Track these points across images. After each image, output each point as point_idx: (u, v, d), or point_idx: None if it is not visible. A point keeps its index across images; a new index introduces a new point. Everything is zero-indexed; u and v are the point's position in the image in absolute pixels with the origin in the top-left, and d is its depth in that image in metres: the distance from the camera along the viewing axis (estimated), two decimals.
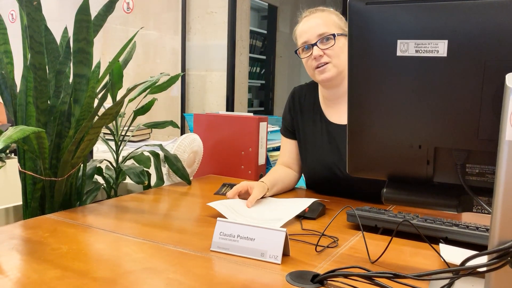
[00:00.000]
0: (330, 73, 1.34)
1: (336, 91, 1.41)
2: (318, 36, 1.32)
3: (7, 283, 0.74)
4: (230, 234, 0.90)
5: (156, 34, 3.16)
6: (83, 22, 1.13)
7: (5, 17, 3.49)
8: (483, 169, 0.69)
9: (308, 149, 1.48)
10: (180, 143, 1.58)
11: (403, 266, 0.86)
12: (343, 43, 1.34)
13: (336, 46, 1.32)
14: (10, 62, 1.23)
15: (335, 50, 1.33)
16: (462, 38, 0.65)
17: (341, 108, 1.42)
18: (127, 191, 1.74)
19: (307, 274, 0.79)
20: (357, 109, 0.76)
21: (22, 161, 1.23)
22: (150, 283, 0.75)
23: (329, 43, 1.32)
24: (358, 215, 1.05)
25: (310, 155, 1.48)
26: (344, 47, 1.35)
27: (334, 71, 1.34)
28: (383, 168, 0.78)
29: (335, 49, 1.33)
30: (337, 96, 1.42)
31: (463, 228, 0.96)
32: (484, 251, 0.56)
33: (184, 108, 3.08)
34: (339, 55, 1.33)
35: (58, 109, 1.21)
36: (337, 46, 1.32)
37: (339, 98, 1.42)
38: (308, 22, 1.36)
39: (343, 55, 1.34)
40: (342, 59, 1.34)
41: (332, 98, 1.43)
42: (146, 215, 1.17)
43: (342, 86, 1.39)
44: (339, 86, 1.39)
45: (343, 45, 1.34)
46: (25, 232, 1.01)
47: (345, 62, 1.35)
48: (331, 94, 1.43)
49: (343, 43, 1.34)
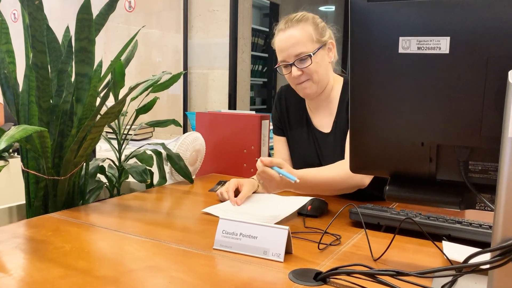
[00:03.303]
0: (310, 90, 1.36)
1: (317, 100, 1.43)
2: (295, 57, 1.32)
3: (11, 281, 0.74)
4: (233, 232, 0.90)
5: (158, 33, 3.16)
6: (84, 21, 1.13)
7: (7, 17, 3.50)
8: (486, 166, 0.69)
9: (293, 149, 1.53)
10: (183, 142, 1.58)
11: (406, 264, 0.86)
12: (321, 56, 1.34)
13: (313, 65, 1.32)
14: (12, 61, 1.23)
15: (312, 68, 1.33)
16: (464, 34, 0.65)
17: (324, 113, 1.44)
18: (129, 190, 1.74)
19: (310, 272, 0.79)
20: (359, 106, 0.76)
21: (25, 160, 1.23)
22: (153, 281, 0.75)
23: (306, 63, 1.32)
24: (360, 213, 1.04)
25: (295, 155, 1.52)
26: (322, 59, 1.35)
27: (314, 87, 1.36)
28: (386, 166, 0.78)
29: (312, 68, 1.33)
30: (319, 103, 1.44)
31: (466, 225, 0.96)
32: (487, 248, 0.56)
33: (186, 107, 3.08)
34: (317, 71, 1.34)
35: (60, 108, 1.21)
36: (314, 64, 1.32)
37: (321, 104, 1.44)
38: (283, 37, 1.33)
39: (322, 68, 1.35)
40: (320, 73, 1.35)
41: (315, 105, 1.46)
42: (148, 213, 1.17)
43: (323, 94, 1.41)
44: (321, 95, 1.41)
45: (320, 59, 1.34)
46: (29, 231, 1.01)
47: (325, 74, 1.38)
48: (313, 103, 1.46)
49: (321, 56, 1.34)
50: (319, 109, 1.45)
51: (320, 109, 1.45)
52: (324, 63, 1.36)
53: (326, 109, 1.43)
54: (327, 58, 1.38)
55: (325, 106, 1.43)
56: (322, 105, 1.44)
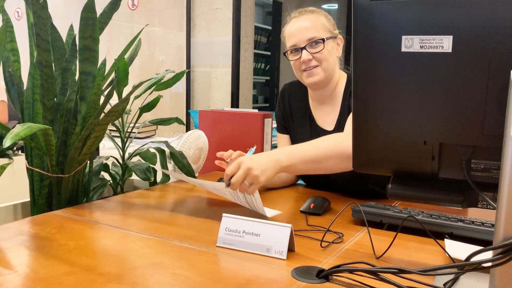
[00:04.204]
0: (318, 77, 1.35)
1: (322, 92, 1.43)
2: (307, 41, 1.32)
3: (16, 278, 0.75)
4: (236, 230, 0.91)
5: (161, 31, 3.17)
6: (88, 20, 1.14)
7: (10, 15, 3.51)
8: (488, 164, 0.69)
9: None
10: (186, 140, 1.59)
11: (408, 262, 0.86)
12: (332, 46, 1.35)
13: (325, 50, 1.33)
14: (17, 60, 1.24)
15: (324, 54, 1.33)
16: (467, 33, 0.65)
17: (327, 109, 1.44)
18: (133, 188, 1.75)
19: (313, 269, 0.80)
20: (362, 105, 0.76)
21: (30, 158, 1.24)
22: (157, 278, 0.76)
23: (319, 47, 1.33)
24: (363, 211, 1.05)
25: None
26: (332, 50, 1.36)
27: (322, 74, 1.35)
28: (388, 164, 0.78)
29: (324, 53, 1.33)
30: (323, 97, 1.44)
31: (468, 223, 0.96)
32: (489, 246, 0.56)
33: (189, 105, 3.09)
34: (328, 59, 1.34)
35: (64, 107, 1.21)
36: (326, 50, 1.33)
37: (325, 99, 1.44)
38: (296, 24, 1.36)
39: (332, 58, 1.36)
40: (330, 62, 1.35)
41: (319, 99, 1.45)
42: (152, 211, 1.18)
43: (328, 87, 1.41)
44: (326, 88, 1.41)
45: (331, 48, 1.35)
46: (33, 228, 1.02)
47: (333, 65, 1.38)
48: (317, 95, 1.45)
49: (332, 46, 1.35)
50: (323, 105, 1.45)
51: (323, 105, 1.45)
52: (334, 54, 1.37)
53: (329, 106, 1.43)
54: (336, 52, 1.38)
55: (328, 102, 1.43)
56: (326, 100, 1.44)
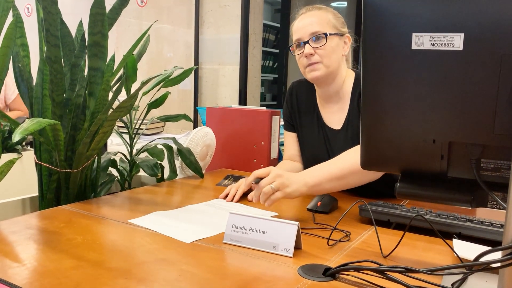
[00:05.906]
0: (319, 73, 1.35)
1: (327, 89, 1.42)
2: (310, 34, 1.33)
3: (24, 271, 0.75)
4: (243, 227, 0.91)
5: (170, 28, 3.17)
6: (98, 16, 1.14)
7: (21, 11, 3.52)
8: (499, 164, 0.68)
9: (304, 145, 1.52)
10: (193, 137, 1.59)
11: (416, 261, 0.86)
12: (336, 43, 1.35)
13: (327, 46, 1.32)
14: (26, 55, 1.25)
15: (326, 49, 1.33)
16: (478, 31, 0.64)
17: (335, 108, 1.44)
18: (140, 184, 1.76)
19: (319, 267, 0.80)
20: (371, 103, 0.76)
21: (38, 153, 1.25)
22: (163, 274, 0.76)
23: (321, 42, 1.32)
24: (371, 209, 1.04)
25: (306, 152, 1.52)
26: (336, 47, 1.35)
27: (324, 70, 1.35)
28: (397, 163, 0.78)
29: (327, 49, 1.33)
30: (328, 94, 1.43)
31: (477, 223, 0.95)
32: (498, 246, 0.55)
33: (197, 102, 3.09)
34: (330, 55, 1.34)
35: (73, 102, 1.22)
36: (328, 46, 1.33)
37: (332, 98, 1.43)
38: (303, 19, 1.37)
39: (335, 55, 1.35)
40: (333, 59, 1.35)
41: (324, 97, 1.45)
42: (159, 207, 1.18)
43: (333, 85, 1.41)
44: (330, 85, 1.41)
45: (335, 45, 1.35)
46: (41, 222, 1.03)
47: (337, 62, 1.38)
48: (322, 92, 1.45)
49: (336, 43, 1.35)
50: (330, 104, 1.45)
51: (331, 103, 1.45)
52: (338, 51, 1.36)
53: (337, 104, 1.43)
54: (341, 50, 1.38)
55: (336, 101, 1.43)
56: (333, 99, 1.43)
